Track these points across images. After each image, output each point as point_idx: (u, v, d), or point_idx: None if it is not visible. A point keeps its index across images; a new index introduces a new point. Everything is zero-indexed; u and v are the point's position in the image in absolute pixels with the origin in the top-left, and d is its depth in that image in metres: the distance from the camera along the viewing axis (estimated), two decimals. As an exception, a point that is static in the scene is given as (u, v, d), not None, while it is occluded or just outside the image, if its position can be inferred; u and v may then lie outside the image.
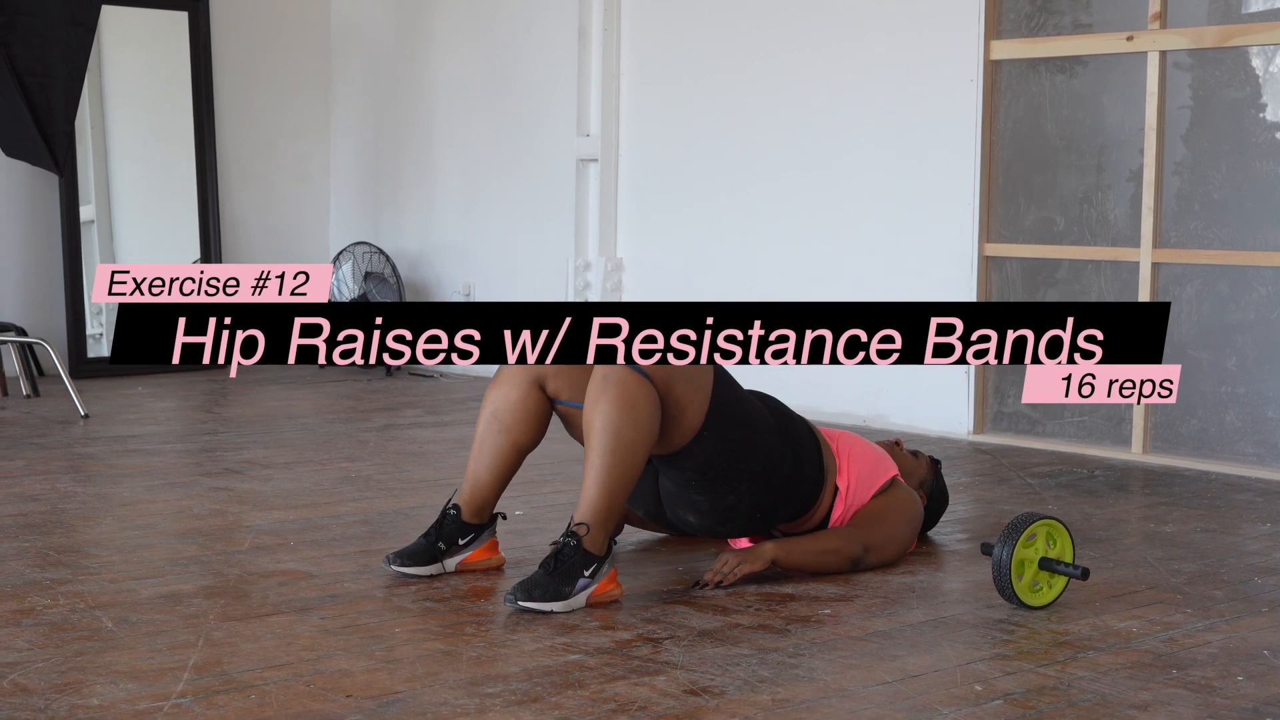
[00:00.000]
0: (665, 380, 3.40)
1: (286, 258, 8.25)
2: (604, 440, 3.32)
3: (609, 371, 3.35)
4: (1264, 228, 5.31)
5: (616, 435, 3.32)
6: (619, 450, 3.32)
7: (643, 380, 3.35)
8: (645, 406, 3.34)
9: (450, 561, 3.60)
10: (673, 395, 3.41)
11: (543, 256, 7.36)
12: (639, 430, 3.33)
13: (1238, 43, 5.30)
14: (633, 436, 3.32)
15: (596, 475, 3.33)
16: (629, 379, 3.34)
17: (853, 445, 3.80)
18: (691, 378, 3.45)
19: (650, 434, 3.36)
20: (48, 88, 7.07)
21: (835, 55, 6.28)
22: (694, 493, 3.58)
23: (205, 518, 4.23)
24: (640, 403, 3.34)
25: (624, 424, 3.32)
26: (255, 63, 8.10)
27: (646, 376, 3.36)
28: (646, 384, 3.36)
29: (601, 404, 3.33)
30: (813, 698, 2.76)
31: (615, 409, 3.32)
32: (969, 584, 3.63)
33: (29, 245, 7.36)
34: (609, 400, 3.33)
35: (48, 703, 2.65)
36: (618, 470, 3.33)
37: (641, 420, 3.33)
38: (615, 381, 3.34)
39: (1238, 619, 3.35)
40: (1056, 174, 5.81)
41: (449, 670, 2.88)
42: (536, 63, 7.39)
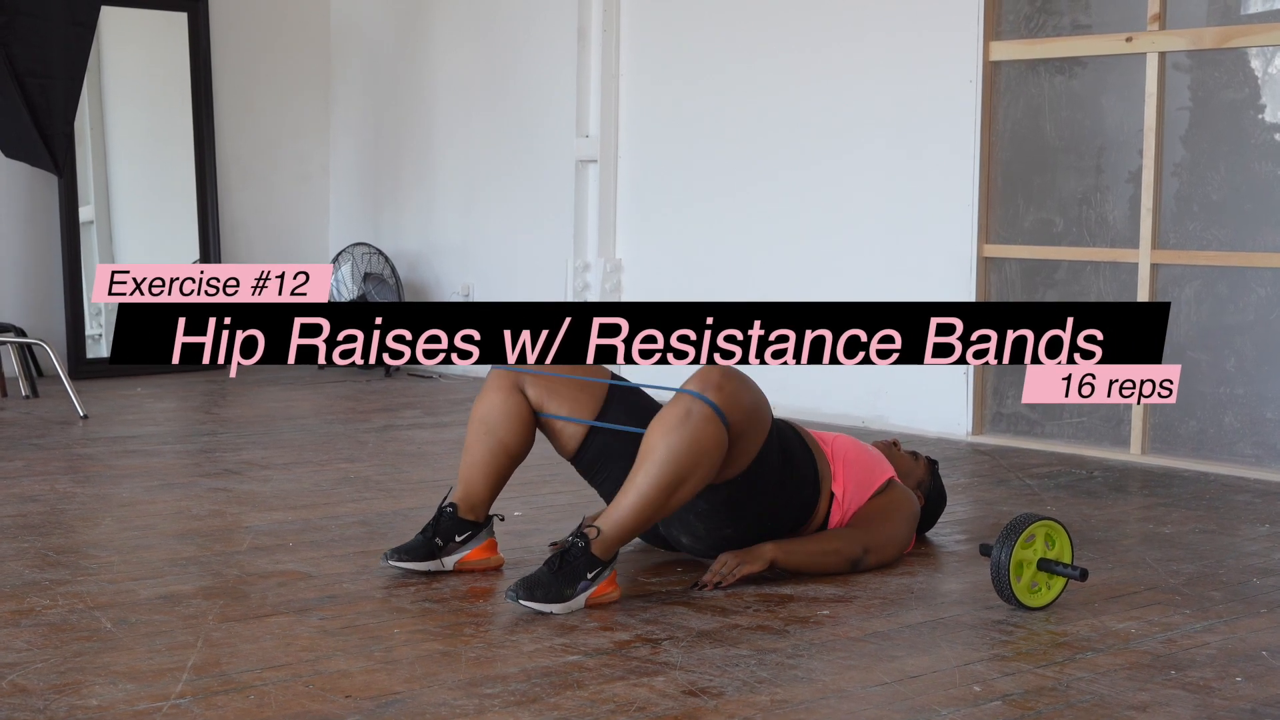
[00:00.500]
0: (738, 431, 3.36)
1: (286, 258, 8.25)
2: (662, 470, 3.27)
3: (694, 407, 3.29)
4: (1263, 229, 5.31)
5: (676, 472, 3.27)
6: (669, 487, 3.28)
7: (723, 431, 3.30)
8: (714, 456, 3.31)
9: (449, 560, 3.61)
10: (735, 444, 3.39)
11: (542, 257, 7.36)
12: (697, 477, 3.30)
13: (1237, 44, 5.31)
14: (688, 477, 3.29)
15: (638, 497, 3.29)
16: (713, 427, 3.29)
17: (848, 449, 3.80)
18: (759, 430, 3.42)
19: (705, 482, 3.34)
20: (47, 88, 7.07)
21: (835, 56, 6.29)
22: (695, 519, 3.57)
23: (204, 518, 4.23)
24: (711, 453, 3.30)
25: (687, 466, 3.28)
26: (255, 63, 8.10)
27: (726, 425, 3.31)
28: (724, 435, 3.31)
29: (674, 436, 3.27)
30: (811, 698, 2.77)
31: (687, 448, 3.27)
32: (968, 585, 3.63)
33: (28, 246, 7.36)
34: (683, 437, 3.27)
35: (47, 703, 2.65)
36: (659, 503, 3.30)
37: (704, 466, 3.30)
38: (697, 422, 3.28)
39: (1236, 620, 3.36)
40: (1055, 175, 5.82)
41: (448, 671, 2.88)
42: (536, 64, 7.40)
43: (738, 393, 3.34)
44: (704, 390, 3.31)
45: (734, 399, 3.33)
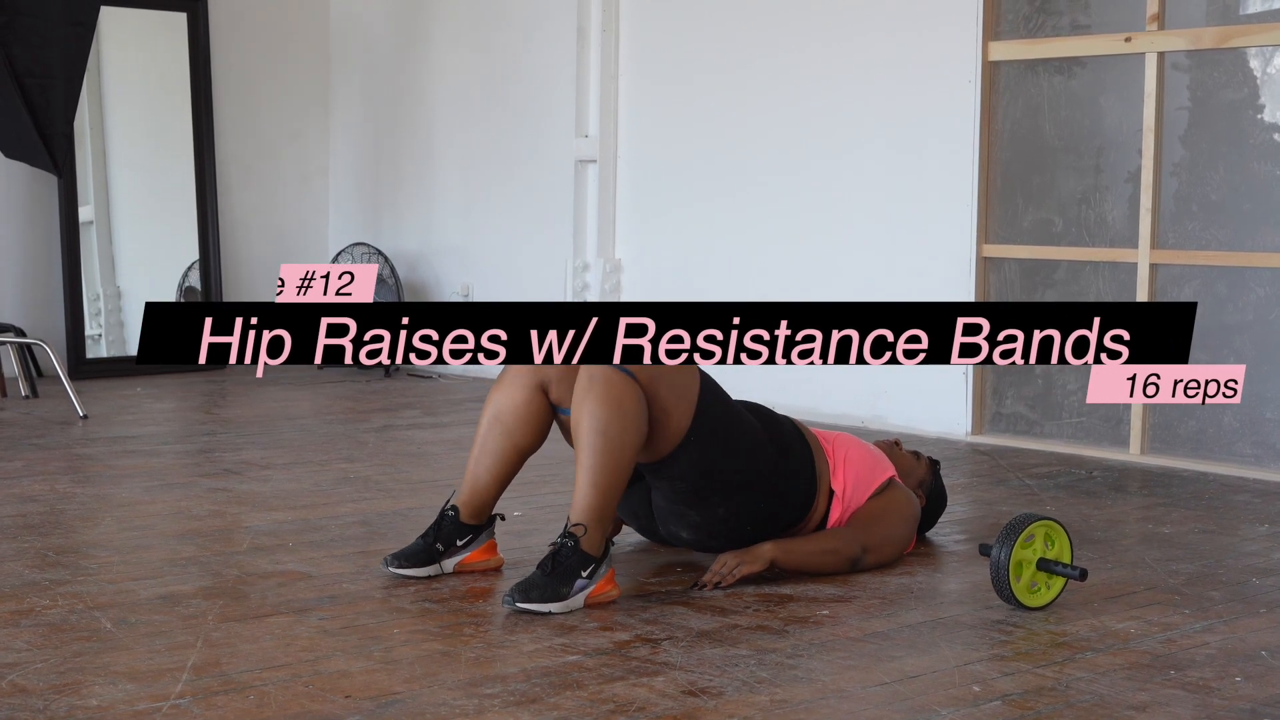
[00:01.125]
0: (650, 382, 3.40)
1: (286, 258, 8.25)
2: (593, 439, 3.32)
3: (594, 372, 3.36)
4: (1262, 229, 5.31)
5: (604, 433, 3.32)
6: (608, 448, 3.32)
7: (628, 379, 3.36)
8: (631, 404, 3.34)
9: (448, 562, 3.60)
10: (658, 399, 3.41)
11: (541, 257, 7.36)
12: (626, 428, 3.33)
13: (1236, 44, 5.31)
14: (620, 434, 3.32)
15: (588, 475, 3.33)
16: (614, 377, 3.35)
17: (849, 447, 3.80)
18: (676, 382, 3.45)
19: (638, 431, 3.36)
20: (47, 89, 7.07)
21: (834, 56, 6.29)
22: (684, 506, 3.57)
23: (204, 518, 4.23)
24: (626, 400, 3.34)
25: (611, 421, 3.32)
26: (254, 64, 8.10)
27: (632, 376, 3.37)
28: (631, 383, 3.36)
29: (588, 403, 3.34)
30: (811, 698, 2.77)
31: (602, 407, 3.32)
32: (967, 585, 3.63)
33: (28, 246, 7.36)
34: (595, 399, 3.33)
35: (46, 703, 2.65)
36: (609, 468, 3.33)
37: (628, 418, 3.34)
38: (600, 380, 3.35)
39: (1236, 620, 3.36)
40: (1055, 175, 5.82)
41: (447, 671, 2.88)
42: (535, 64, 7.40)
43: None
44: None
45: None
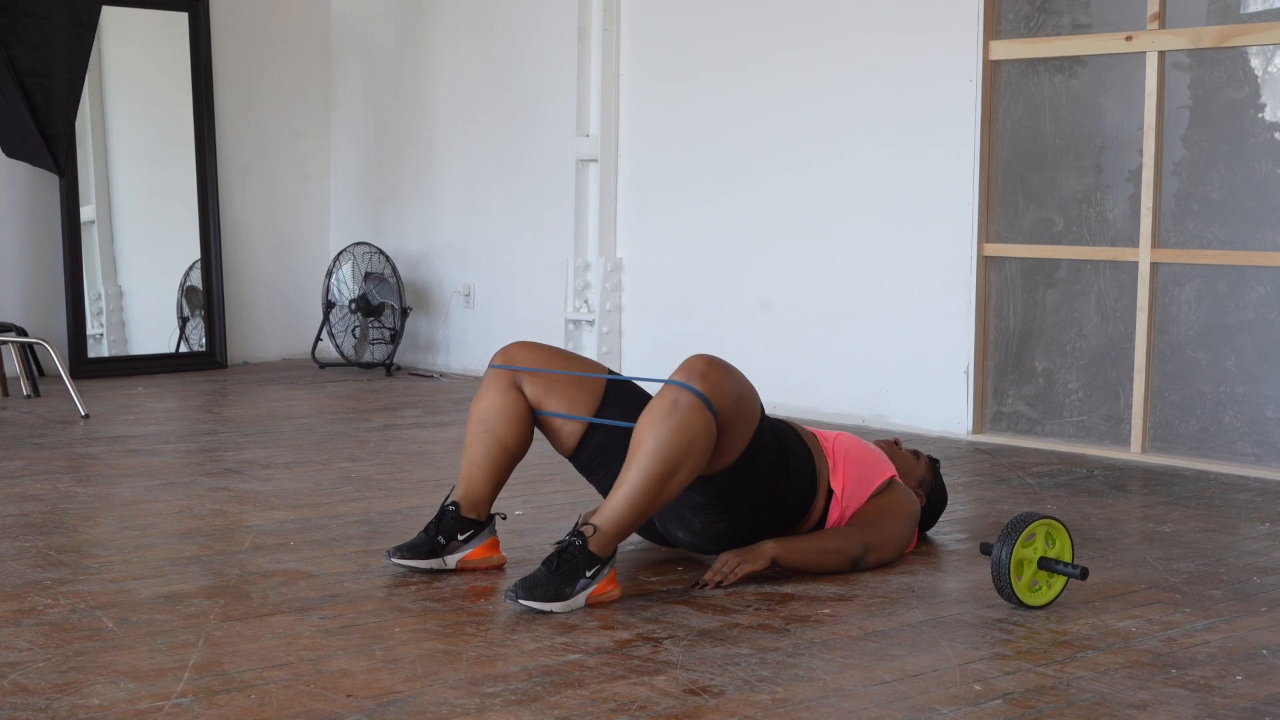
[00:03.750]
0: (727, 420, 3.36)
1: (287, 258, 8.26)
2: (652, 461, 3.27)
3: (680, 397, 3.29)
4: (1263, 228, 5.31)
5: (666, 461, 3.27)
6: (663, 478, 3.28)
7: (710, 419, 3.30)
8: (702, 444, 3.30)
9: (451, 558, 3.61)
10: (724, 433, 3.38)
11: (542, 257, 7.36)
12: (688, 465, 3.29)
13: (1236, 43, 5.31)
14: (679, 467, 3.28)
15: (631, 491, 3.29)
16: (700, 415, 3.28)
17: (849, 447, 3.80)
18: (748, 419, 3.43)
19: (696, 471, 3.33)
20: (48, 88, 7.08)
21: (835, 55, 6.29)
22: (689, 511, 3.57)
23: (205, 518, 4.23)
24: (700, 440, 3.29)
25: (677, 453, 3.27)
26: (255, 63, 8.11)
27: (714, 415, 3.32)
28: (712, 423, 3.31)
29: (663, 427, 3.27)
30: (812, 697, 2.77)
31: (675, 437, 3.27)
32: (968, 584, 3.63)
33: (29, 246, 7.36)
34: (672, 427, 3.27)
35: (48, 702, 2.65)
36: (653, 495, 3.29)
37: (694, 455, 3.29)
38: (685, 411, 3.28)
39: (1236, 618, 3.36)
40: (1055, 174, 5.82)
41: (449, 670, 2.88)
42: (536, 63, 7.40)
43: (723, 381, 3.35)
44: (689, 380, 3.32)
45: (719, 387, 3.33)
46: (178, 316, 7.86)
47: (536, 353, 3.72)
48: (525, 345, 3.75)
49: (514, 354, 3.72)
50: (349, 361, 7.84)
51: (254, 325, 8.13)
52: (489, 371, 3.72)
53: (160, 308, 7.87)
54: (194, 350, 7.85)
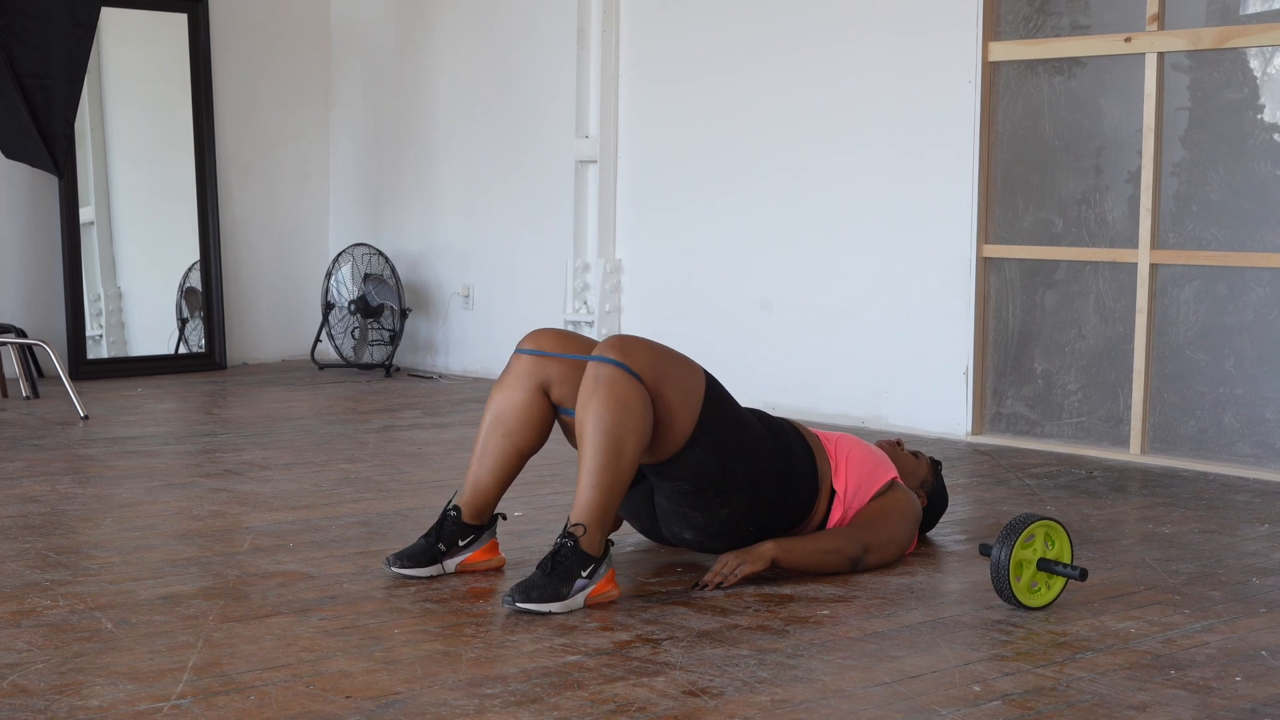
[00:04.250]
0: (656, 383, 3.39)
1: (286, 259, 8.26)
2: (596, 439, 3.31)
3: (600, 371, 3.35)
4: (1262, 229, 5.31)
5: (609, 433, 3.31)
6: (612, 449, 3.31)
7: (633, 380, 3.35)
8: (637, 405, 3.34)
9: (450, 562, 3.61)
10: (663, 399, 3.40)
11: (542, 258, 7.36)
12: (631, 429, 3.32)
13: (1235, 44, 5.31)
14: (624, 435, 3.31)
15: (591, 475, 3.32)
16: (620, 378, 3.34)
17: (851, 448, 3.80)
18: (683, 383, 3.45)
19: (643, 433, 3.35)
20: (47, 89, 7.08)
21: (834, 56, 6.29)
22: (688, 507, 3.57)
23: (205, 519, 4.23)
24: (632, 402, 3.33)
25: (616, 422, 3.31)
26: (255, 64, 8.11)
27: (638, 377, 3.36)
28: (637, 384, 3.35)
29: (593, 403, 3.32)
30: (811, 698, 2.77)
31: (607, 408, 3.31)
32: (967, 585, 3.63)
33: (29, 247, 7.36)
34: (600, 399, 3.32)
35: (47, 704, 2.65)
36: (611, 469, 3.32)
37: (634, 419, 3.33)
38: (606, 380, 3.33)
39: (1236, 619, 3.36)
40: (1055, 175, 5.82)
41: (448, 671, 2.88)
42: (535, 64, 7.40)
43: (629, 345, 3.40)
44: (603, 354, 3.38)
45: (630, 350, 3.38)
46: (177, 318, 7.86)
47: (566, 341, 3.63)
48: (553, 333, 3.66)
49: (542, 340, 3.63)
50: (348, 363, 7.84)
51: (253, 326, 8.13)
52: (514, 358, 3.62)
53: (159, 309, 7.87)
54: (193, 351, 7.85)
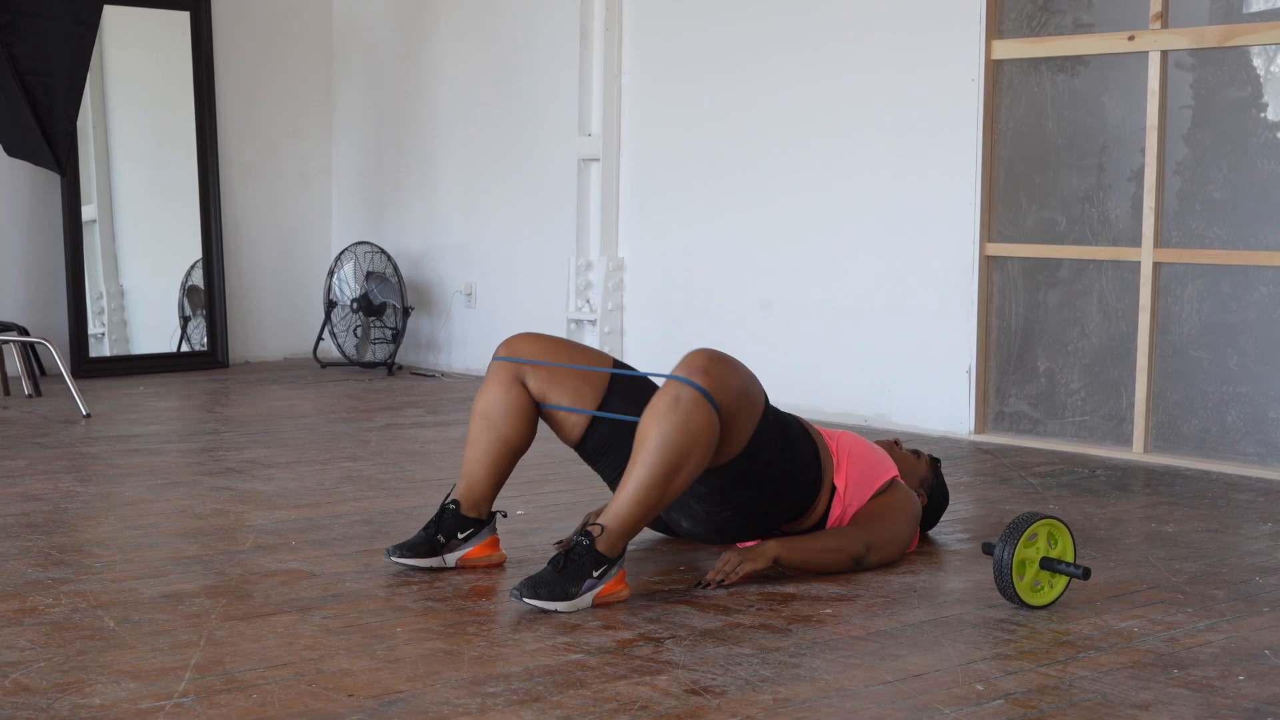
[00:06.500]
0: (729, 413, 3.36)
1: (289, 258, 8.26)
2: (657, 458, 3.26)
3: (682, 393, 3.29)
4: (1265, 227, 5.30)
5: (669, 455, 3.26)
6: (668, 474, 3.27)
7: (712, 414, 3.30)
8: (706, 438, 3.30)
9: (451, 557, 3.61)
10: (727, 426, 3.38)
11: (544, 256, 7.36)
12: (693, 460, 3.29)
13: (1239, 42, 5.30)
14: (684, 463, 3.28)
15: (637, 489, 3.28)
16: (701, 409, 3.28)
17: (852, 446, 3.80)
18: (751, 411, 3.43)
19: (701, 465, 3.32)
20: (49, 87, 7.08)
21: (837, 55, 6.29)
22: (694, 502, 3.57)
23: (207, 517, 4.23)
24: (703, 436, 3.29)
25: (680, 449, 3.26)
26: (257, 62, 8.11)
27: (717, 410, 3.32)
28: (714, 417, 3.30)
29: (665, 424, 3.27)
30: (814, 697, 2.77)
31: (677, 431, 3.26)
32: (970, 584, 3.63)
33: (31, 245, 7.36)
34: (675, 423, 3.26)
35: (50, 702, 2.65)
36: (658, 492, 3.29)
37: (698, 450, 3.29)
38: (686, 406, 3.27)
39: (1239, 619, 3.35)
40: (1058, 173, 5.81)
41: (450, 669, 2.88)
42: (538, 63, 7.40)
43: (724, 375, 3.35)
44: (690, 375, 3.32)
45: (721, 381, 3.33)
46: (179, 316, 7.86)
47: (540, 344, 3.71)
48: (528, 337, 3.74)
49: (517, 346, 3.71)
50: (351, 361, 7.84)
51: (255, 324, 8.13)
52: (492, 364, 3.71)
53: (162, 307, 7.87)
54: (195, 350, 7.85)
